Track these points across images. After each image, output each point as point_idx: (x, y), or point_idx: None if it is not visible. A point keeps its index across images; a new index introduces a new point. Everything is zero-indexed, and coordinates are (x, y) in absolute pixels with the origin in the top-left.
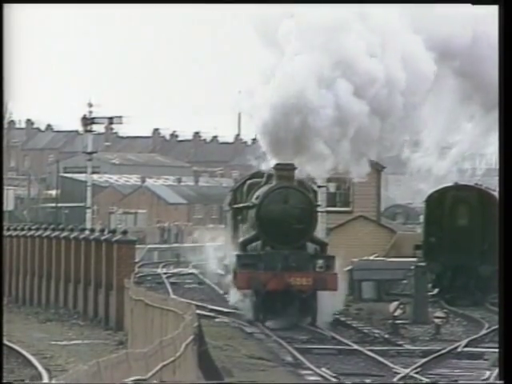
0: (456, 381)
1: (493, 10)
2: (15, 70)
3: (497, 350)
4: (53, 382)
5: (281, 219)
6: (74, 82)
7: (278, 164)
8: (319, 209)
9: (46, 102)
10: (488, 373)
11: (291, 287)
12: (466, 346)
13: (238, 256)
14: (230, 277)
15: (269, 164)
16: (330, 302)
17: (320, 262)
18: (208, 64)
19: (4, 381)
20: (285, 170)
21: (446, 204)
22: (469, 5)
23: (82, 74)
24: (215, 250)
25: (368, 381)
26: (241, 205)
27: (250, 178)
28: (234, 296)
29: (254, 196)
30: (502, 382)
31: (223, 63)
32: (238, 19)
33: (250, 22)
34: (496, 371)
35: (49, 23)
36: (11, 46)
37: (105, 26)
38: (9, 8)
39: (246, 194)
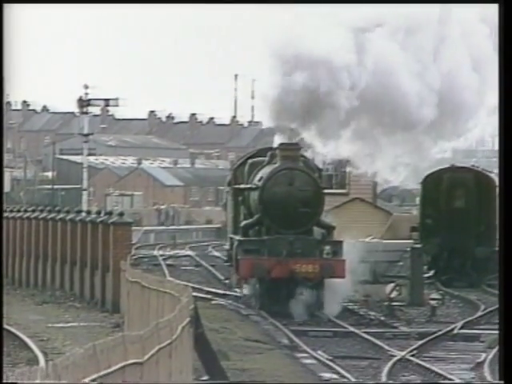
0: (452, 363)
1: None
2: (12, 53)
3: (493, 332)
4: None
5: (285, 202)
6: (71, 63)
7: (282, 143)
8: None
9: (42, 83)
10: (484, 355)
11: (297, 275)
12: (461, 327)
13: (240, 241)
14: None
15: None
16: (338, 290)
17: (327, 247)
18: (206, 46)
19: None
20: (290, 150)
21: (443, 186)
22: None
23: (78, 56)
24: (211, 231)
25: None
26: (242, 186)
27: (251, 157)
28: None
29: (257, 177)
30: (502, 382)
31: (221, 46)
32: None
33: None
34: (492, 353)
35: (46, 8)
36: (8, 29)
37: (102, 11)
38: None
39: (247, 174)
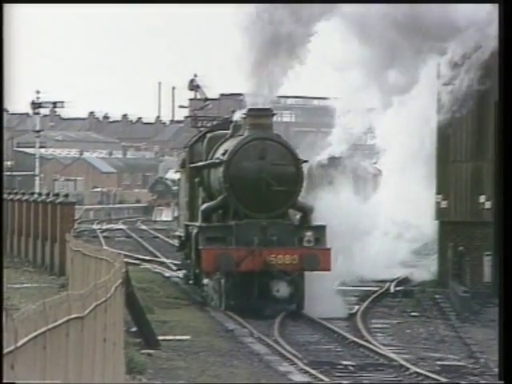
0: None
1: None
2: None
3: (364, 288)
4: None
5: (257, 179)
6: (25, 72)
7: (251, 109)
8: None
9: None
10: (356, 307)
11: (272, 267)
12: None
13: (201, 228)
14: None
15: None
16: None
17: (308, 234)
18: (135, 58)
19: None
20: (261, 117)
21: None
22: None
23: (31, 66)
24: (140, 209)
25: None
26: (201, 163)
27: (209, 131)
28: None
29: (219, 151)
30: (502, 382)
31: (147, 58)
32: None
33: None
34: (364, 305)
35: None
36: None
37: (51, 17)
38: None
39: (206, 151)
